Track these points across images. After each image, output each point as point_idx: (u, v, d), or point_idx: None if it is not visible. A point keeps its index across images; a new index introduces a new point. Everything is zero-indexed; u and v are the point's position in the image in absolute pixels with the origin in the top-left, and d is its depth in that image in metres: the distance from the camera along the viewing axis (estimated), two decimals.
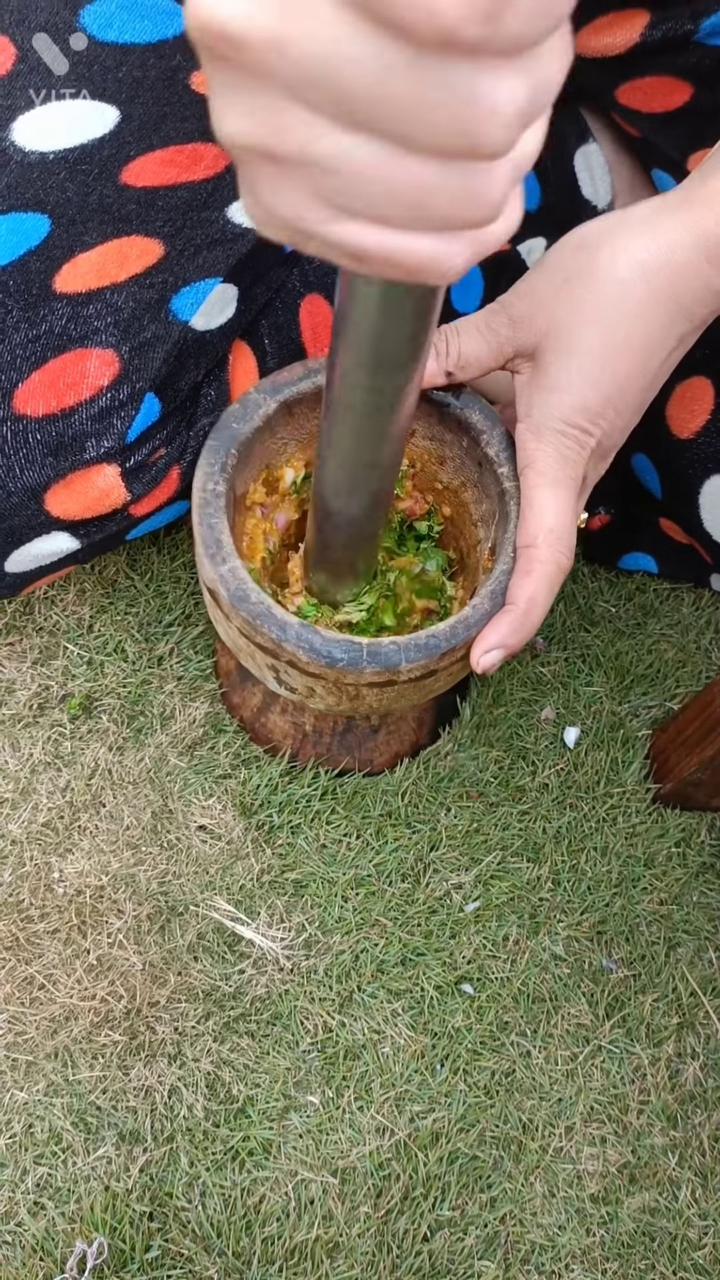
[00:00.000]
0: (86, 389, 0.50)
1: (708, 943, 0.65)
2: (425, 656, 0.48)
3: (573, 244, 0.51)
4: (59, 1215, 0.54)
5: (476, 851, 0.65)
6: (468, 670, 0.54)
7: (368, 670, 0.47)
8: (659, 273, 0.47)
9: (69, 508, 0.52)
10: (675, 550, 0.74)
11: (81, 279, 0.51)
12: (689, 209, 0.46)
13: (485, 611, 0.49)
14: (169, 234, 0.53)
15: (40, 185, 0.53)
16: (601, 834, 0.66)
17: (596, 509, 0.75)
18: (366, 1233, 0.55)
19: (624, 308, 0.48)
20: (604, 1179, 0.58)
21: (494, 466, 0.53)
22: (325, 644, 0.47)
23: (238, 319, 0.54)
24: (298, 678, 0.50)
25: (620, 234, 0.48)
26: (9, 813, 0.63)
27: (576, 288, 0.49)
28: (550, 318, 0.50)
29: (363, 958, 0.61)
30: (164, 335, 0.51)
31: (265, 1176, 0.56)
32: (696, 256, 0.46)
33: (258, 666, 0.52)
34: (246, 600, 0.48)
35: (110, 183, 0.53)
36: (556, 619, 0.73)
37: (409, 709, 0.65)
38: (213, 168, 0.55)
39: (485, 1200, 0.57)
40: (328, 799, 0.65)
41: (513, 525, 0.51)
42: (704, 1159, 0.59)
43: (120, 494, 0.52)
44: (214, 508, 0.50)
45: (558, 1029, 0.61)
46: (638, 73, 0.66)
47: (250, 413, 0.52)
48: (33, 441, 0.51)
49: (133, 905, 0.61)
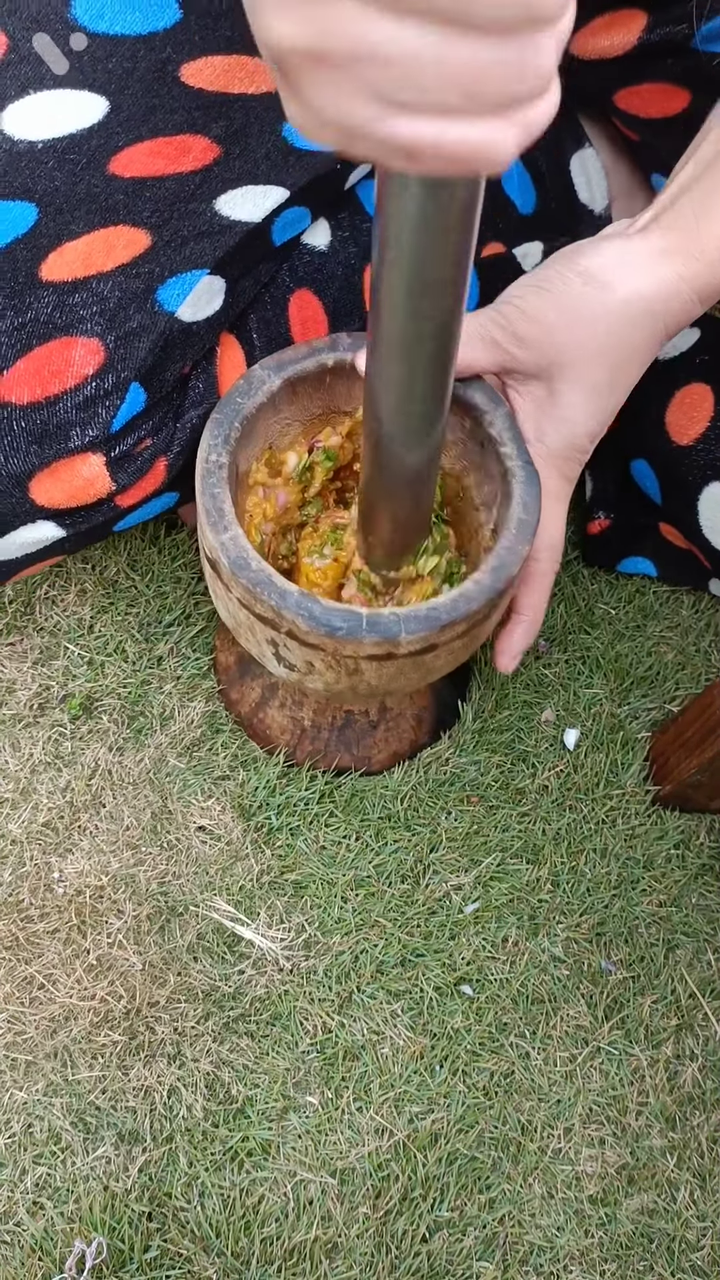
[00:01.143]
0: (71, 377, 0.51)
1: (706, 944, 0.65)
2: (425, 628, 0.48)
3: (579, 272, 0.54)
4: (58, 1215, 0.54)
5: (476, 853, 0.65)
6: (468, 652, 0.54)
7: (367, 640, 0.47)
8: (659, 312, 0.53)
9: (54, 496, 0.53)
10: (675, 555, 0.74)
11: (68, 268, 0.51)
12: (686, 258, 0.53)
13: (487, 586, 0.49)
14: (156, 224, 0.53)
15: (28, 174, 0.53)
16: (601, 836, 0.66)
17: (597, 513, 0.75)
18: (365, 1233, 0.55)
19: (628, 343, 0.54)
20: (602, 1180, 0.58)
21: (496, 446, 0.53)
22: (325, 612, 0.47)
23: (225, 311, 0.55)
24: (297, 651, 0.50)
25: (628, 274, 0.53)
26: (9, 813, 0.63)
27: (588, 324, 0.53)
28: (560, 347, 0.54)
29: (362, 958, 0.61)
30: (150, 325, 0.52)
31: (264, 1177, 0.56)
32: (690, 298, 0.53)
33: (257, 643, 0.51)
34: (247, 568, 0.48)
35: (98, 172, 0.53)
36: (557, 620, 0.73)
37: (405, 698, 0.65)
38: (201, 160, 0.55)
39: (484, 1201, 0.57)
40: (326, 801, 0.65)
41: (515, 503, 0.51)
42: (702, 1160, 0.59)
43: (105, 483, 0.53)
44: (216, 478, 0.50)
45: (557, 1030, 0.61)
46: (636, 78, 0.66)
47: (255, 389, 0.53)
48: (17, 429, 0.51)
49: (132, 905, 0.61)
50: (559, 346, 0.54)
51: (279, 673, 0.53)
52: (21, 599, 0.69)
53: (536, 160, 0.75)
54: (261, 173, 0.56)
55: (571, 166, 0.76)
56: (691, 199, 0.54)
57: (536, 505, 0.52)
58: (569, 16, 0.26)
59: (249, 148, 0.56)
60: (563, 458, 0.57)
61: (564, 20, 0.25)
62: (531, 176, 0.75)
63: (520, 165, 0.75)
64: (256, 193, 0.55)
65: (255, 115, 0.57)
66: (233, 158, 0.55)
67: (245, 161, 0.56)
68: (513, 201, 0.74)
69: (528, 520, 0.51)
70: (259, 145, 0.56)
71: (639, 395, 0.70)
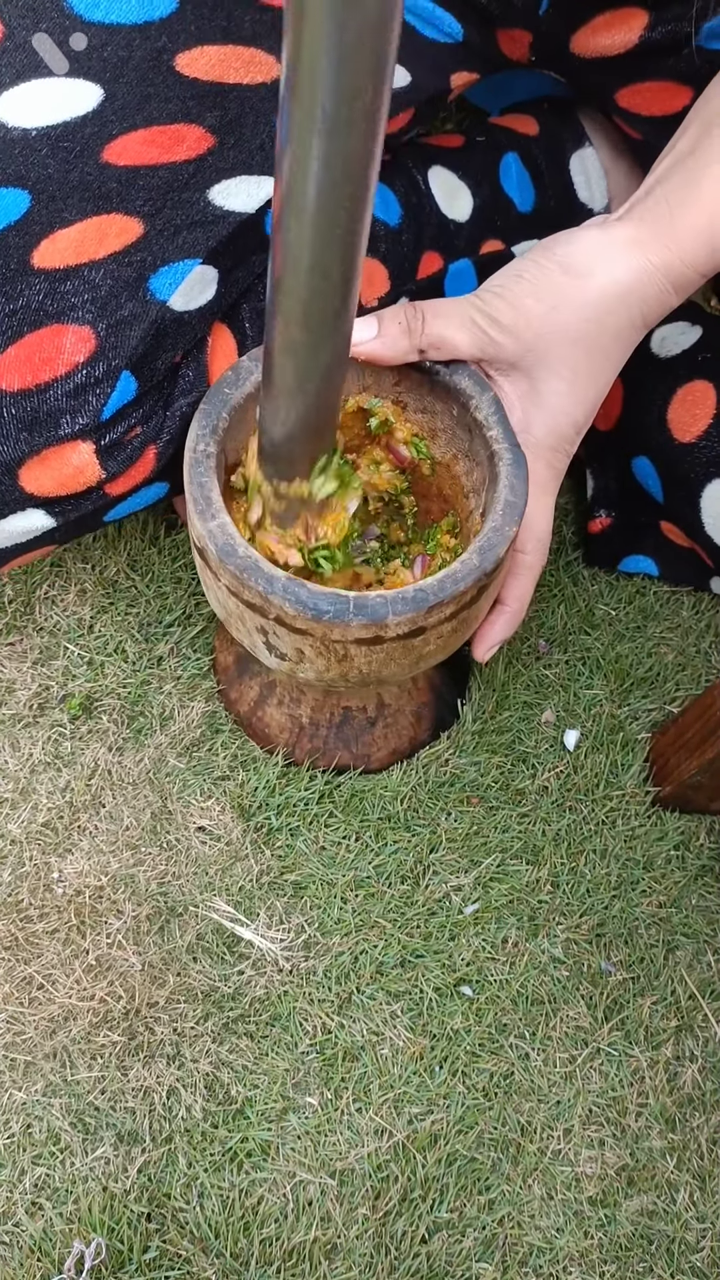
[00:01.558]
0: (62, 365, 0.51)
1: (706, 946, 0.65)
2: (412, 610, 0.48)
3: (557, 261, 0.55)
4: (57, 1216, 0.54)
5: (476, 854, 0.65)
6: (460, 638, 0.54)
7: (354, 623, 0.47)
8: (635, 300, 0.54)
9: (44, 484, 0.53)
10: (676, 554, 0.74)
11: (60, 255, 0.51)
12: (660, 247, 0.54)
13: (474, 566, 0.49)
14: (149, 213, 0.53)
15: (21, 161, 0.53)
16: (601, 837, 0.66)
17: (598, 512, 0.75)
18: (365, 1234, 0.55)
19: (607, 331, 0.55)
20: (602, 1181, 0.58)
21: (484, 430, 0.54)
22: (312, 596, 0.47)
23: (217, 301, 0.55)
24: (286, 638, 0.50)
25: (604, 263, 0.54)
26: (9, 812, 0.63)
27: (565, 313, 0.54)
28: (539, 336, 0.54)
29: (362, 959, 0.61)
30: (141, 314, 0.52)
31: (263, 1178, 0.56)
32: (665, 287, 0.54)
33: (248, 632, 0.52)
34: (234, 554, 0.48)
35: (92, 160, 0.53)
36: (558, 621, 0.73)
37: (403, 694, 0.65)
38: (195, 149, 0.55)
39: (483, 1202, 0.57)
40: (325, 802, 0.65)
41: (502, 485, 0.52)
42: (702, 1162, 0.59)
43: (95, 471, 0.53)
44: (204, 467, 0.50)
45: (556, 1031, 0.61)
46: (638, 77, 0.66)
47: (243, 379, 0.53)
48: (7, 416, 0.51)
49: (132, 906, 0.61)
50: (538, 333, 0.55)
51: (271, 663, 0.53)
52: (21, 599, 0.69)
53: (536, 159, 0.75)
54: (256, 163, 0.56)
55: (571, 165, 0.76)
56: (665, 190, 0.55)
57: (524, 488, 0.52)
58: None
59: (243, 138, 0.56)
60: (549, 448, 0.57)
61: None
62: (531, 175, 0.75)
63: (520, 163, 0.75)
64: (250, 183, 0.55)
65: (250, 105, 0.57)
66: (227, 147, 0.55)
67: (240, 151, 0.56)
68: (512, 200, 0.74)
69: (515, 502, 0.51)
70: (254, 135, 0.56)
71: (640, 392, 0.70)
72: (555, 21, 0.64)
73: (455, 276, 0.70)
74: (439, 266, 0.69)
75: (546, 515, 0.59)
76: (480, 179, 0.72)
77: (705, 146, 0.54)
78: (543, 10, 0.63)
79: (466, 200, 0.72)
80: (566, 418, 0.57)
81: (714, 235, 0.53)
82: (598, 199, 0.76)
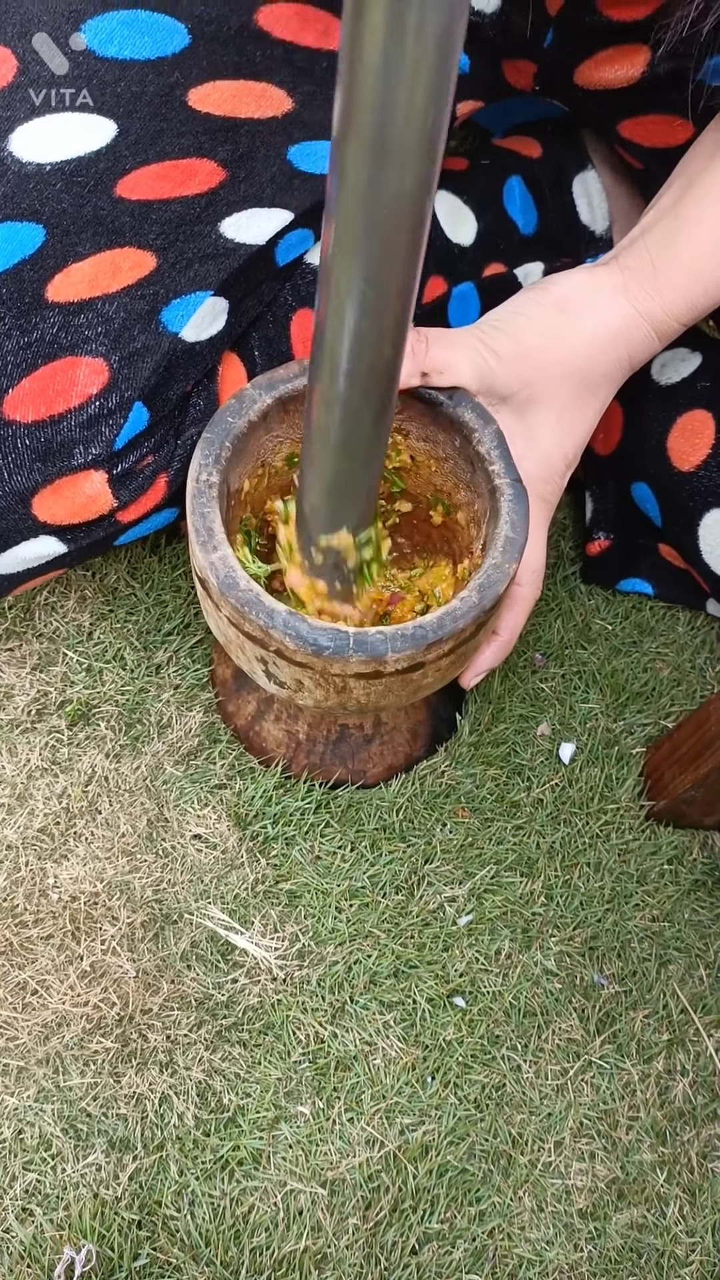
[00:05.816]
0: (76, 397, 0.51)
1: (699, 960, 0.65)
2: (412, 647, 0.48)
3: (553, 300, 0.58)
4: (47, 1222, 0.53)
5: (470, 865, 0.65)
6: (457, 670, 0.54)
7: (354, 659, 0.48)
8: (622, 343, 0.58)
9: (56, 513, 0.53)
10: (673, 576, 0.75)
11: (74, 288, 0.52)
12: (645, 296, 0.58)
13: (473, 604, 0.50)
14: (161, 247, 0.54)
15: (36, 196, 0.54)
16: (595, 850, 0.67)
17: (597, 534, 0.76)
18: (355, 1244, 0.55)
19: (598, 369, 0.58)
20: (592, 1194, 0.58)
21: (485, 464, 0.54)
22: (312, 631, 0.48)
23: (228, 331, 0.55)
24: (285, 669, 0.50)
25: (595, 305, 0.58)
26: (5, 818, 0.63)
27: (562, 350, 0.58)
28: (535, 368, 0.57)
29: (355, 969, 0.61)
30: (154, 346, 0.52)
31: (255, 1186, 0.55)
32: (649, 333, 0.59)
33: (248, 660, 0.52)
34: (235, 587, 0.49)
35: (105, 195, 0.54)
36: (554, 635, 0.74)
37: (400, 713, 0.66)
38: (206, 184, 0.56)
39: (474, 1214, 0.56)
40: (322, 812, 0.65)
41: (503, 521, 0.52)
42: (692, 1176, 0.59)
43: (107, 500, 0.53)
44: (206, 497, 0.51)
45: (548, 1044, 0.61)
46: (640, 109, 0.67)
47: (246, 408, 0.53)
48: (21, 447, 0.51)
49: (127, 913, 0.61)
50: (535, 367, 0.57)
51: (270, 689, 0.53)
52: (21, 605, 0.69)
53: (539, 181, 0.76)
54: (267, 195, 0.56)
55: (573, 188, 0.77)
56: (649, 241, 0.58)
57: (524, 524, 0.52)
58: None
59: (254, 171, 0.57)
60: (540, 480, 0.59)
61: None
62: (534, 198, 0.76)
63: (523, 186, 0.76)
64: (261, 215, 0.56)
65: (261, 139, 0.58)
66: (238, 181, 0.56)
67: (251, 184, 0.56)
68: (515, 222, 0.75)
69: (515, 539, 0.51)
70: (265, 169, 0.57)
71: (640, 419, 0.71)
72: (559, 54, 0.65)
73: (459, 300, 0.71)
74: (443, 290, 0.70)
75: (539, 547, 0.60)
76: (484, 203, 0.74)
77: (686, 202, 0.57)
78: (547, 43, 0.64)
79: (470, 224, 0.73)
80: (557, 450, 0.59)
81: (691, 292, 0.57)
82: (599, 221, 0.77)
